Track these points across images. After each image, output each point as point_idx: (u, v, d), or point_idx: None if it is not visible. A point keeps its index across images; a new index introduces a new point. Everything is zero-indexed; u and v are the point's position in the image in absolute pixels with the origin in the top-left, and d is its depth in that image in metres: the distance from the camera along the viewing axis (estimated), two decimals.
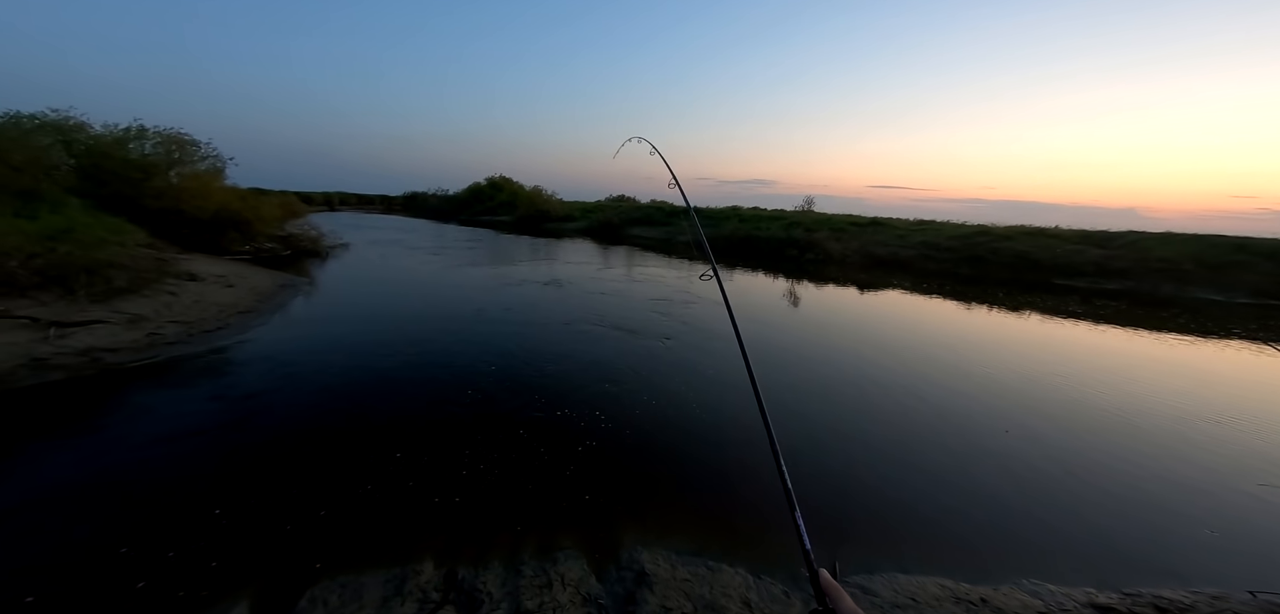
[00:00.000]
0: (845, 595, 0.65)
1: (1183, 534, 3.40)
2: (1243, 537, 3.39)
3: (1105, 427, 5.11)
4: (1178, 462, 4.40)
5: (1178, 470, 4.25)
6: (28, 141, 8.58)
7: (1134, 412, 5.54)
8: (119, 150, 11.31)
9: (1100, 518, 3.55)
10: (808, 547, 0.80)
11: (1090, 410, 5.53)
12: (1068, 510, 3.62)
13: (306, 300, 9.09)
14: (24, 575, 2.46)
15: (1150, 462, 4.38)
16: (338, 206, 52.26)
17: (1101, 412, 5.52)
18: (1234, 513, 3.66)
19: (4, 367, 4.74)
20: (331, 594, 2.36)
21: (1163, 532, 3.43)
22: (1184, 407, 5.76)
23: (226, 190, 13.28)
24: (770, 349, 7.32)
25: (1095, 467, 4.26)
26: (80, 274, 6.42)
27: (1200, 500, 3.82)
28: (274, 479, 3.36)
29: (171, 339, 6.14)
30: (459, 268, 13.90)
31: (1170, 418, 5.39)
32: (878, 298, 12.64)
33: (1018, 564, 3.02)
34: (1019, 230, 20.48)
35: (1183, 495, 3.88)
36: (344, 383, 5.12)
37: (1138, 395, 6.09)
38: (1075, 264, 16.99)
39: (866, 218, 25.95)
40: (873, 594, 2.68)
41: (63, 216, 7.70)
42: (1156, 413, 5.54)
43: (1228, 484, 4.06)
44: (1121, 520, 3.54)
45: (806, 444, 4.37)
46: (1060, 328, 10.06)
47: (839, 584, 0.68)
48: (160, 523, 2.88)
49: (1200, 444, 4.77)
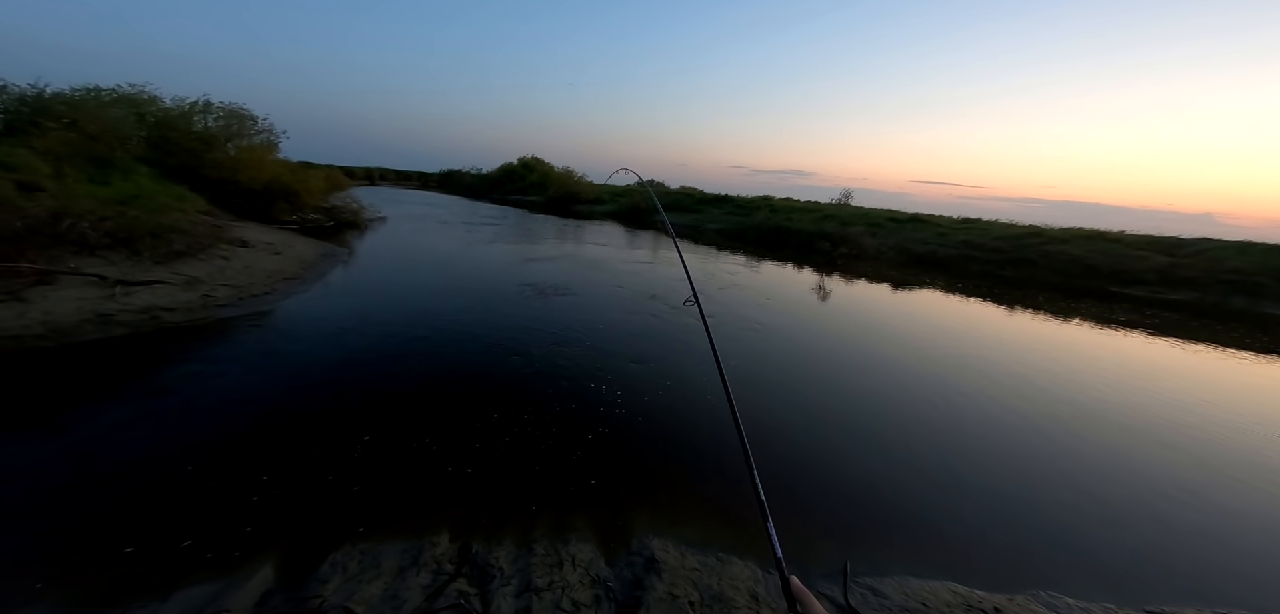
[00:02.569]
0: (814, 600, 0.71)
1: (1211, 557, 3.23)
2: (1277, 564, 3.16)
3: (1136, 440, 4.86)
4: (1212, 482, 4.16)
5: (1212, 491, 4.02)
6: (103, 113, 9.24)
7: (1169, 425, 5.25)
8: (184, 123, 12.01)
9: (1124, 533, 3.40)
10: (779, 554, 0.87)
11: (1122, 422, 5.26)
12: (1091, 523, 3.47)
13: (345, 270, 9.51)
14: (76, 521, 2.72)
15: (1183, 479, 4.16)
16: (377, 181, 54.06)
17: (1134, 424, 5.25)
18: (1272, 539, 3.43)
19: (73, 320, 5.18)
20: (352, 560, 2.48)
21: (1191, 552, 3.27)
22: (1223, 424, 5.39)
23: (278, 163, 13.88)
24: (791, 344, 7.18)
25: (1123, 480, 4.08)
26: (145, 237, 6.92)
27: (1233, 522, 3.60)
28: (305, 442, 3.56)
29: (223, 301, 6.56)
30: (488, 245, 14.21)
31: (1206, 435, 5.07)
32: (909, 297, 12.15)
33: (1034, 574, 2.94)
34: (1076, 233, 19.20)
35: (1214, 517, 3.66)
36: (373, 351, 5.34)
37: (1176, 409, 5.75)
38: (1135, 271, 15.80)
39: (906, 214, 24.89)
40: (882, 596, 2.63)
41: (132, 183, 8.29)
42: (1193, 428, 5.22)
43: (1266, 509, 3.82)
44: (1146, 537, 3.39)
45: (821, 441, 4.29)
46: (1103, 336, 9.45)
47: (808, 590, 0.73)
48: (201, 480, 3.10)
49: (1239, 464, 4.48)
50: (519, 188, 42.41)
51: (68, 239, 6.10)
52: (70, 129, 8.11)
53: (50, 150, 7.38)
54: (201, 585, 2.27)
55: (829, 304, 10.60)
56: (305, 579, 2.35)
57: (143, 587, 2.25)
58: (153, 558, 2.43)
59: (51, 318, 5.11)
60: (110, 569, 2.35)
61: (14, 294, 5.18)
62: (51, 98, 8.74)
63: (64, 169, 7.24)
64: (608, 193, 38.51)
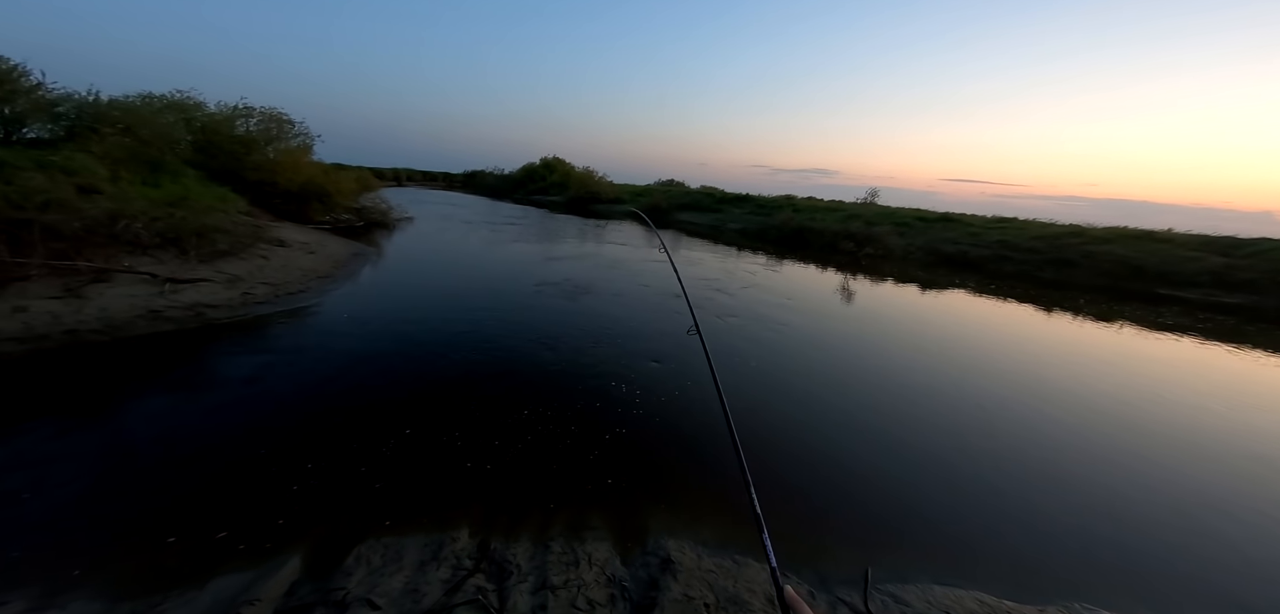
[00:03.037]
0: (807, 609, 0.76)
1: (1259, 574, 3.03)
2: None
3: (1181, 450, 4.60)
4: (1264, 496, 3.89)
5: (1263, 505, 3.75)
6: (156, 119, 9.81)
7: (1218, 435, 4.93)
8: (227, 127, 12.63)
9: (1168, 549, 3.23)
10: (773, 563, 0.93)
11: (1167, 431, 4.97)
12: (1131, 537, 3.31)
13: (374, 269, 9.83)
14: (122, 509, 2.90)
15: (1236, 494, 3.90)
16: (405, 182, 55.66)
17: (1180, 433, 4.95)
18: None
19: (126, 316, 5.53)
20: (375, 554, 2.57)
21: (1237, 569, 3.07)
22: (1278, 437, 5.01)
23: (313, 165, 14.39)
24: (811, 345, 7.04)
25: (1167, 493, 3.87)
26: (192, 236, 7.31)
27: None
28: (333, 436, 3.70)
29: (261, 299, 6.87)
30: (511, 245, 14.45)
31: (1261, 449, 4.73)
32: (937, 299, 11.75)
33: (1068, 586, 2.82)
34: (1121, 232, 18.17)
35: (1265, 532, 3.43)
36: (399, 348, 5.50)
37: (1227, 419, 5.39)
38: (1187, 273, 14.87)
39: (935, 213, 24.07)
40: (904, 604, 2.57)
41: (180, 185, 8.76)
42: (1246, 440, 4.89)
43: None
44: (1195, 554, 3.19)
45: (843, 445, 4.19)
46: (1149, 341, 8.93)
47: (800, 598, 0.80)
48: (237, 472, 3.27)
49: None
50: (540, 188, 42.99)
51: (123, 239, 6.50)
52: (125, 134, 8.64)
53: (107, 154, 7.88)
54: (235, 575, 2.39)
55: (852, 305, 10.36)
56: (331, 572, 2.44)
57: (181, 575, 2.38)
58: (191, 547, 2.56)
59: (106, 313, 5.46)
60: (152, 557, 2.49)
61: (73, 291, 5.55)
62: (109, 104, 9.33)
63: (119, 172, 7.71)
64: (627, 193, 38.67)
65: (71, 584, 2.28)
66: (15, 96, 7.95)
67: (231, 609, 2.16)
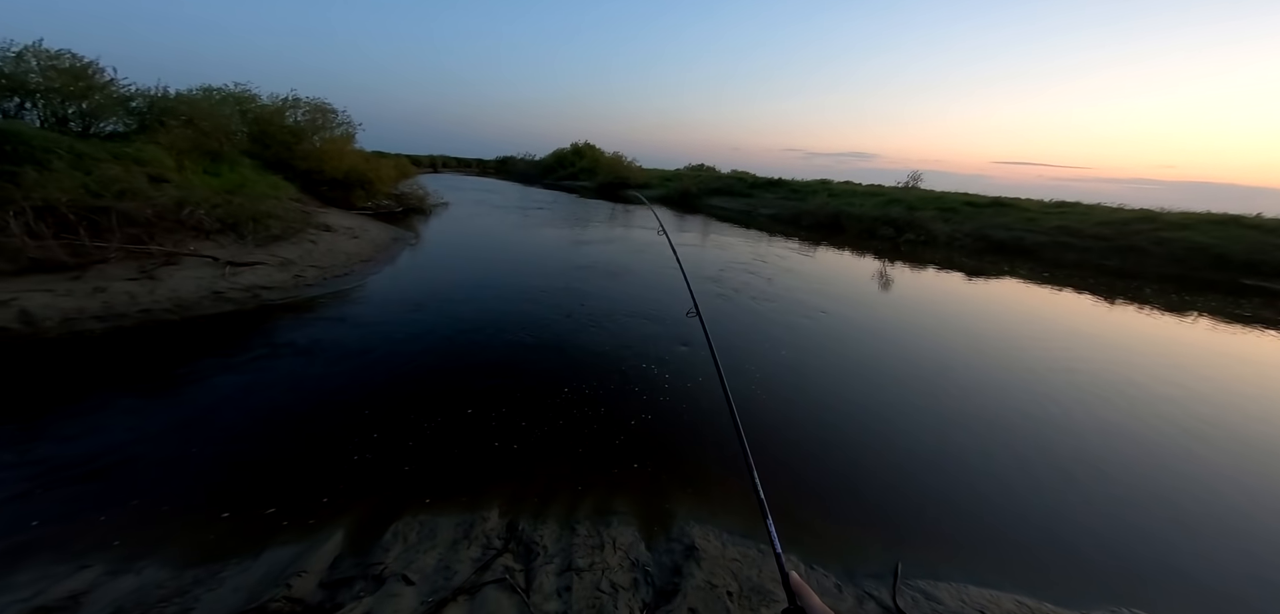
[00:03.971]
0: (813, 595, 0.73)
1: None
2: None
3: (1248, 455, 4.23)
4: None
5: None
6: (215, 112, 10.47)
7: None
8: (278, 118, 13.34)
9: (1222, 548, 3.03)
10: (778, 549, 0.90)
11: (1232, 432, 4.59)
12: (1183, 536, 3.11)
13: (413, 253, 10.21)
14: (188, 480, 3.15)
15: None
16: (440, 169, 57.30)
17: (1247, 435, 4.55)
18: None
19: (194, 297, 5.98)
20: (412, 530, 2.69)
21: None
22: None
23: (355, 153, 15.05)
24: (845, 332, 6.81)
25: (1227, 499, 3.58)
26: (248, 222, 7.81)
27: None
28: (375, 414, 3.90)
29: (311, 281, 7.28)
30: (542, 229, 14.65)
31: None
32: (985, 288, 11.09)
33: (1115, 591, 2.67)
34: (1200, 217, 16.54)
35: None
36: (435, 330, 5.72)
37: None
38: (1275, 261, 13.41)
39: (986, 198, 22.57)
40: (936, 601, 2.48)
41: (237, 174, 9.36)
42: None
43: None
44: (1251, 554, 2.99)
45: (877, 435, 4.06)
46: (1224, 335, 8.12)
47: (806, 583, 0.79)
48: (290, 446, 3.51)
49: None
50: (570, 173, 43.29)
51: (188, 225, 7.01)
52: (188, 126, 9.27)
53: (173, 145, 8.48)
54: (285, 547, 2.56)
55: (887, 293, 9.93)
56: (370, 546, 2.59)
57: (238, 544, 2.57)
58: (247, 518, 2.76)
59: (176, 294, 5.93)
60: (213, 527, 2.70)
61: (147, 273, 6.05)
62: (175, 99, 10.00)
63: (184, 162, 8.30)
64: (656, 178, 38.33)
65: (145, 551, 2.48)
66: (92, 92, 8.64)
67: (282, 579, 2.32)
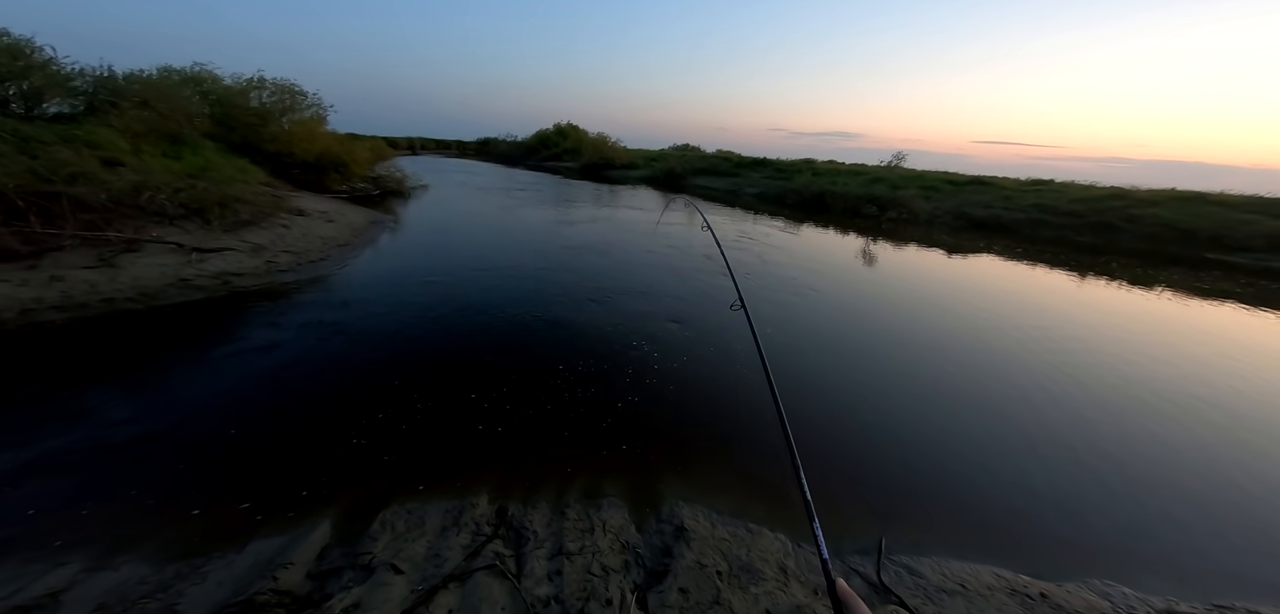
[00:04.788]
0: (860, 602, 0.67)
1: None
2: None
3: (1210, 419, 4.44)
4: None
5: None
6: (173, 93, 9.89)
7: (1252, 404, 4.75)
8: (242, 99, 12.71)
9: (1188, 518, 3.15)
10: (824, 555, 0.82)
11: (1196, 401, 4.79)
12: (1150, 509, 3.23)
13: (392, 236, 9.93)
14: (165, 475, 3.03)
15: (1256, 457, 3.82)
16: (419, 151, 55.68)
17: (1208, 403, 4.76)
18: None
19: (158, 285, 5.71)
20: (399, 519, 2.65)
21: (1266, 543, 2.97)
22: None
23: (328, 135, 14.50)
24: (828, 309, 6.89)
25: (1185, 459, 3.77)
26: (214, 207, 7.45)
27: None
28: (357, 401, 3.80)
29: (284, 267, 7.02)
30: (526, 210, 14.38)
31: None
32: (962, 265, 11.33)
33: (1087, 560, 2.77)
34: (1168, 195, 17.16)
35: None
36: (418, 313, 5.58)
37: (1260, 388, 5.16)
38: (1240, 237, 14.00)
39: (966, 176, 23.00)
40: (918, 576, 2.54)
41: (201, 157, 8.90)
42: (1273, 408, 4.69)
43: None
44: (1214, 522, 3.11)
45: (858, 413, 4.13)
46: (1185, 308, 8.50)
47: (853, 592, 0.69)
48: (269, 436, 3.40)
49: None
50: (553, 154, 42.61)
51: (149, 210, 6.65)
52: (143, 108, 8.74)
53: (127, 128, 7.99)
54: (271, 539, 2.50)
55: (871, 270, 10.06)
56: (358, 536, 2.54)
57: (222, 538, 2.50)
58: (229, 511, 2.69)
59: (139, 282, 5.65)
60: (195, 521, 2.62)
61: (106, 261, 5.74)
62: (124, 79, 9.40)
63: (141, 145, 7.84)
64: (641, 158, 37.95)
65: (123, 547, 2.40)
66: (31, 71, 8.06)
67: (268, 571, 2.26)
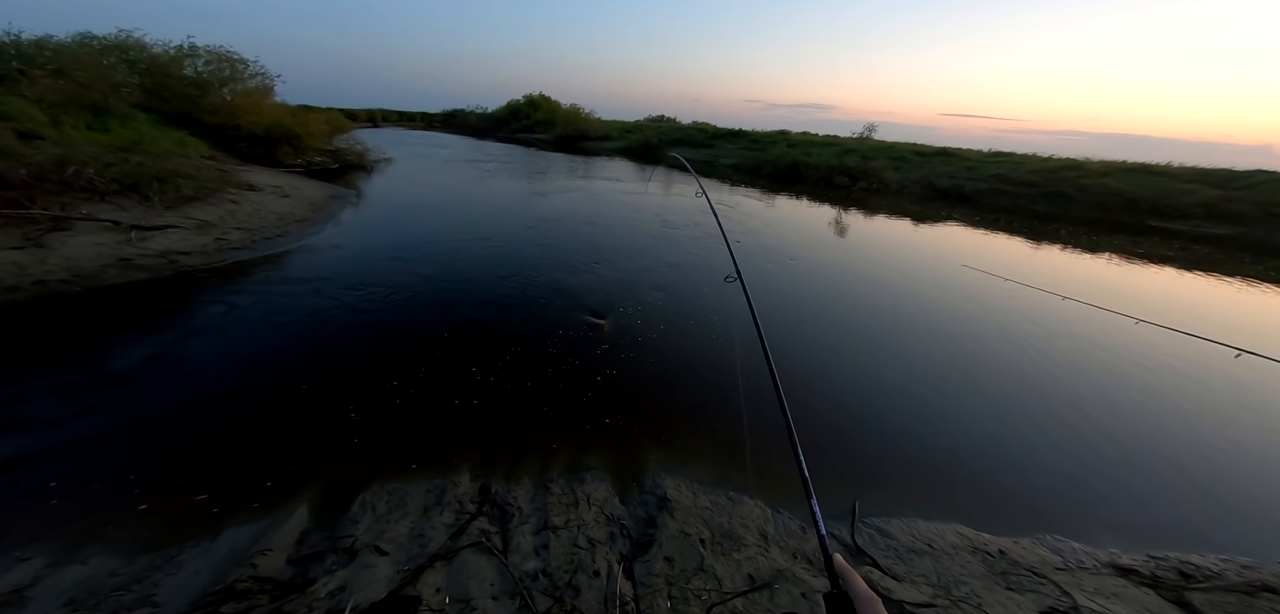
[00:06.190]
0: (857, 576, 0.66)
1: (1219, 500, 3.22)
2: None
3: (1143, 379, 4.78)
4: (1221, 420, 4.11)
5: (1221, 429, 3.97)
6: (93, 61, 8.98)
7: (1180, 366, 5.11)
8: (175, 68, 11.73)
9: (1130, 477, 3.39)
10: (823, 532, 0.82)
11: (1131, 362, 5.15)
12: (1097, 466, 3.47)
13: (355, 211, 9.46)
14: (128, 463, 2.86)
15: (1190, 419, 4.12)
16: (380, 123, 52.73)
17: (1142, 364, 5.12)
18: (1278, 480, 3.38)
19: (95, 265, 5.26)
20: (380, 500, 2.59)
21: (1197, 496, 3.25)
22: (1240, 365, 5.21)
23: (277, 107, 13.68)
24: (802, 279, 7.03)
25: (1130, 422, 4.03)
26: (152, 182, 6.87)
27: (1240, 466, 3.55)
28: (327, 382, 3.65)
29: (237, 244, 6.59)
30: (499, 181, 13.93)
31: (1220, 376, 4.90)
32: (928, 233, 11.73)
33: (1041, 518, 2.96)
34: (1117, 166, 18.15)
35: (1223, 457, 3.63)
36: (390, 291, 5.37)
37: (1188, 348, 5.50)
38: (1179, 205, 15.02)
39: (933, 147, 23.63)
40: (889, 537, 2.68)
41: (132, 130, 8.15)
42: (1204, 368, 5.07)
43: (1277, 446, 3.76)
44: (1154, 481, 3.37)
45: (831, 381, 4.28)
46: (1128, 272, 9.14)
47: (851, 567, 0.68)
48: (233, 422, 3.23)
49: (1249, 407, 4.37)
50: (525, 126, 41.35)
51: (76, 186, 6.08)
52: (58, 76, 7.90)
53: (43, 99, 7.23)
54: (247, 525, 2.41)
55: (843, 240, 10.29)
56: (338, 519, 2.47)
57: (194, 526, 2.39)
58: (199, 499, 2.56)
59: (73, 263, 5.19)
60: (164, 509, 2.49)
61: (33, 241, 5.24)
62: (31, 45, 8.47)
63: (61, 117, 7.11)
64: (616, 129, 37.24)
65: (87, 540, 2.28)
66: None
67: (246, 559, 2.19)
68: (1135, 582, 2.48)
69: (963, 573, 2.45)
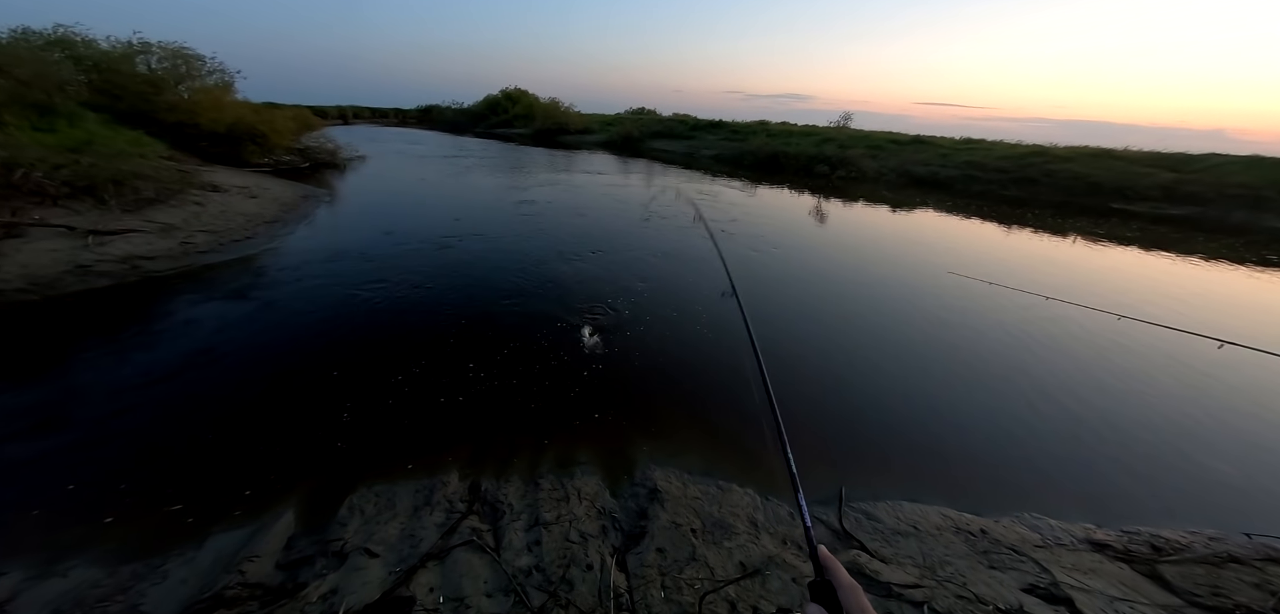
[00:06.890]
0: (841, 568, 0.72)
1: (1186, 474, 3.36)
2: (1248, 479, 3.31)
3: (1114, 360, 4.95)
4: (1185, 398, 4.28)
5: (1185, 407, 4.14)
6: (34, 57, 8.44)
7: (1146, 344, 5.29)
8: (126, 65, 11.17)
9: (1103, 455, 3.51)
10: (808, 524, 0.84)
11: (1101, 342, 5.33)
12: (1072, 446, 3.59)
13: (329, 210, 9.17)
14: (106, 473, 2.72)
15: (1157, 397, 4.29)
16: (352, 120, 51.13)
17: (1112, 343, 5.30)
18: (1239, 454, 3.56)
19: (52, 272, 4.99)
20: (368, 503, 2.54)
21: (1166, 471, 3.39)
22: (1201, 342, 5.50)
23: (239, 104, 13.19)
24: (785, 268, 7.11)
25: (1101, 401, 4.17)
26: (108, 184, 6.53)
27: (1205, 439, 3.72)
28: (307, 385, 3.55)
29: (203, 247, 6.32)
30: (479, 177, 13.67)
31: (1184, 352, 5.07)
32: (905, 219, 12.00)
33: (1019, 497, 3.04)
34: (1081, 151, 18.89)
35: (1188, 434, 3.78)
36: (369, 291, 5.23)
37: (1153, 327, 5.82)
38: (1139, 188, 15.72)
39: (908, 136, 24.18)
40: (875, 520, 2.74)
41: (81, 129, 7.71)
42: (1170, 346, 5.20)
43: (1236, 422, 3.94)
44: (1125, 458, 3.50)
45: (817, 367, 4.35)
46: (1092, 253, 9.53)
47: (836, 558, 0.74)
48: (210, 429, 3.11)
49: (1213, 379, 4.58)
50: (503, 121, 40.66)
51: (25, 190, 5.73)
52: None
53: None
54: (231, 532, 2.35)
55: (823, 228, 10.45)
56: (326, 523, 2.43)
57: (177, 534, 2.33)
58: (181, 507, 2.49)
59: (29, 270, 4.91)
60: (145, 519, 2.41)
61: None
62: None
63: (3, 118, 6.68)
64: (597, 122, 36.93)
65: (67, 552, 2.21)
66: None
67: (233, 565, 2.13)
68: (1110, 556, 2.57)
69: (947, 553, 2.52)
